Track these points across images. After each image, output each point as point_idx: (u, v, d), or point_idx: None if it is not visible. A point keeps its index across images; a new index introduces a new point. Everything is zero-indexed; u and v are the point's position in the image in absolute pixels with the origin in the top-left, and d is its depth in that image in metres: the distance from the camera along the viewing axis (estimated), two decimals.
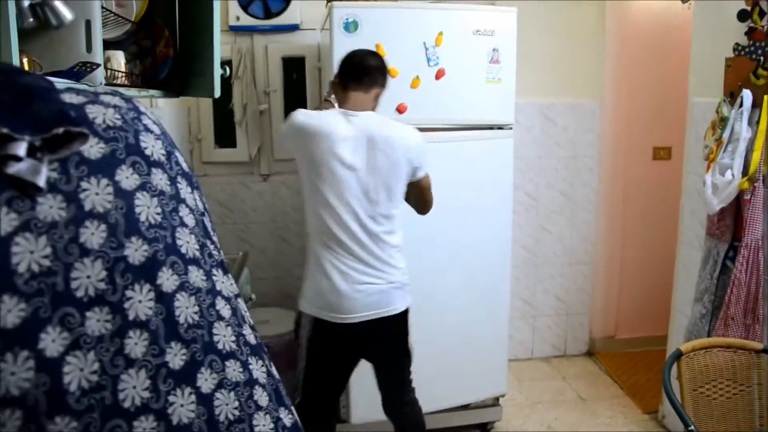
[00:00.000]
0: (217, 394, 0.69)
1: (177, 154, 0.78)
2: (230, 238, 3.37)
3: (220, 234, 3.24)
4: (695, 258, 2.60)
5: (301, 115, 2.05)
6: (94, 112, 0.69)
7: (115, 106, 0.72)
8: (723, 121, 2.35)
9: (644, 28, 3.50)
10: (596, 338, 3.75)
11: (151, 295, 0.66)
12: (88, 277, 0.62)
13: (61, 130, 0.62)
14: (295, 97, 3.34)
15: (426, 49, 2.55)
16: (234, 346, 0.73)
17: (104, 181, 0.65)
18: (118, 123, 0.70)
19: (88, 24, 1.55)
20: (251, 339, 0.77)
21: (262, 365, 0.77)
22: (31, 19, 1.48)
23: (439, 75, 2.57)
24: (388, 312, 2.07)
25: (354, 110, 2.05)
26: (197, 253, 0.73)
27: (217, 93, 2.14)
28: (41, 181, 0.61)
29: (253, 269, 3.43)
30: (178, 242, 0.71)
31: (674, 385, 1.83)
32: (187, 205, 0.75)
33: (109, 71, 1.99)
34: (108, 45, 2.10)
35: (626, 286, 3.74)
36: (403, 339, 2.19)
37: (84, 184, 0.64)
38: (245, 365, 0.74)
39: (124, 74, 2.04)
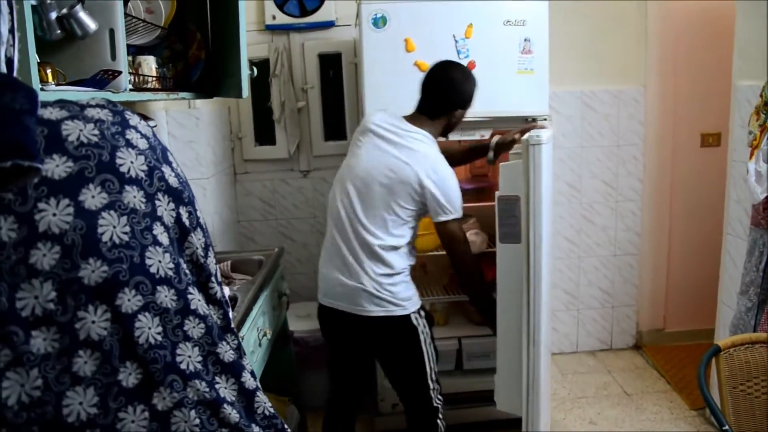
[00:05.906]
0: (176, 412, 0.70)
1: (164, 169, 0.76)
2: (272, 233, 3.44)
3: (262, 230, 3.26)
4: (741, 249, 2.49)
5: None
6: (69, 128, 0.68)
7: (97, 121, 0.71)
8: (767, 105, 2.24)
9: (690, 7, 3.35)
10: (644, 331, 3.64)
11: (107, 315, 0.66)
12: (36, 297, 0.63)
13: (8, 163, 0.59)
14: (332, 93, 3.37)
15: (456, 42, 2.52)
16: (200, 366, 0.73)
17: (65, 202, 0.65)
18: (94, 140, 0.69)
19: (112, 33, 1.61)
20: (227, 357, 0.77)
21: (234, 383, 0.77)
22: (59, 31, 1.55)
23: (470, 67, 2.53)
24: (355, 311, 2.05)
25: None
26: (170, 273, 0.72)
27: (246, 93, 2.19)
28: None
29: (295, 264, 3.49)
30: (148, 262, 0.70)
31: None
32: (163, 223, 0.74)
33: (140, 77, 2.06)
34: (142, 50, 2.18)
35: (675, 277, 3.62)
36: (379, 347, 2.15)
37: (41, 205, 0.64)
38: (211, 384, 0.74)
39: (155, 78, 2.11)
